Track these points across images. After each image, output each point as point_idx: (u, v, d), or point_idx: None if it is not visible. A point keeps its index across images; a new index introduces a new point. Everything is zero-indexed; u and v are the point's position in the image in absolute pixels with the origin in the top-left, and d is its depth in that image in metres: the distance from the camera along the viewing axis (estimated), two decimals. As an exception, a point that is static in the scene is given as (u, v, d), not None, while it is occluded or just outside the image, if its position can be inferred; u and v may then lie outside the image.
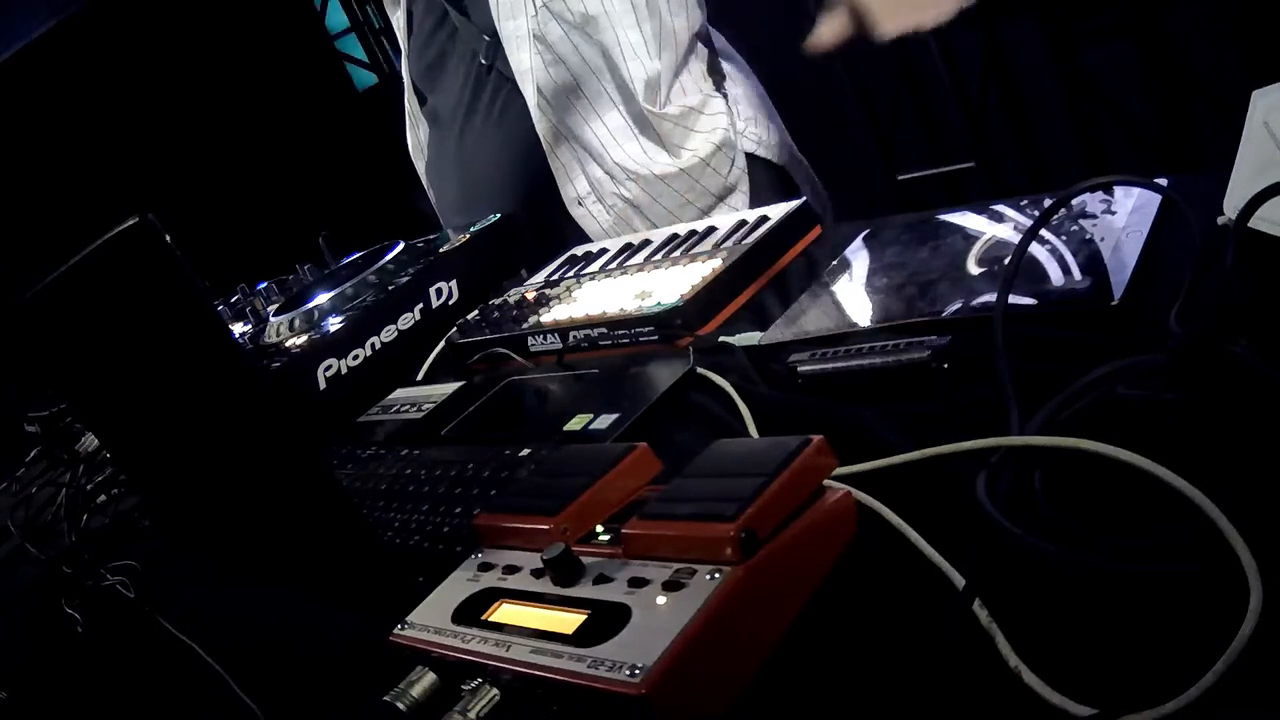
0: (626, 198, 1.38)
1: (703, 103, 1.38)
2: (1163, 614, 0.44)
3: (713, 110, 1.38)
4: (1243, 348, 0.52)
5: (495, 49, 1.37)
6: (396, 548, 0.78)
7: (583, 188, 1.40)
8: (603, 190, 1.39)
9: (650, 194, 1.37)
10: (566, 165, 1.39)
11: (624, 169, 1.36)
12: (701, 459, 0.60)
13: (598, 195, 1.39)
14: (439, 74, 1.49)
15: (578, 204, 1.41)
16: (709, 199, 1.38)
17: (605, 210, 1.40)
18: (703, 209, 1.38)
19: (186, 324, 0.69)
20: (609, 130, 1.36)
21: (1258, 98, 0.70)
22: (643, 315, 0.96)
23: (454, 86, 1.46)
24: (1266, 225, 0.61)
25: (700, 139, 1.37)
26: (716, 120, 1.38)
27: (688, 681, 0.48)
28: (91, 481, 1.24)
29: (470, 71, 1.43)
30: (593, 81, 1.35)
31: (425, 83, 1.53)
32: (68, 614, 0.94)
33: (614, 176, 1.37)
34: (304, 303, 1.29)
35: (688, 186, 1.36)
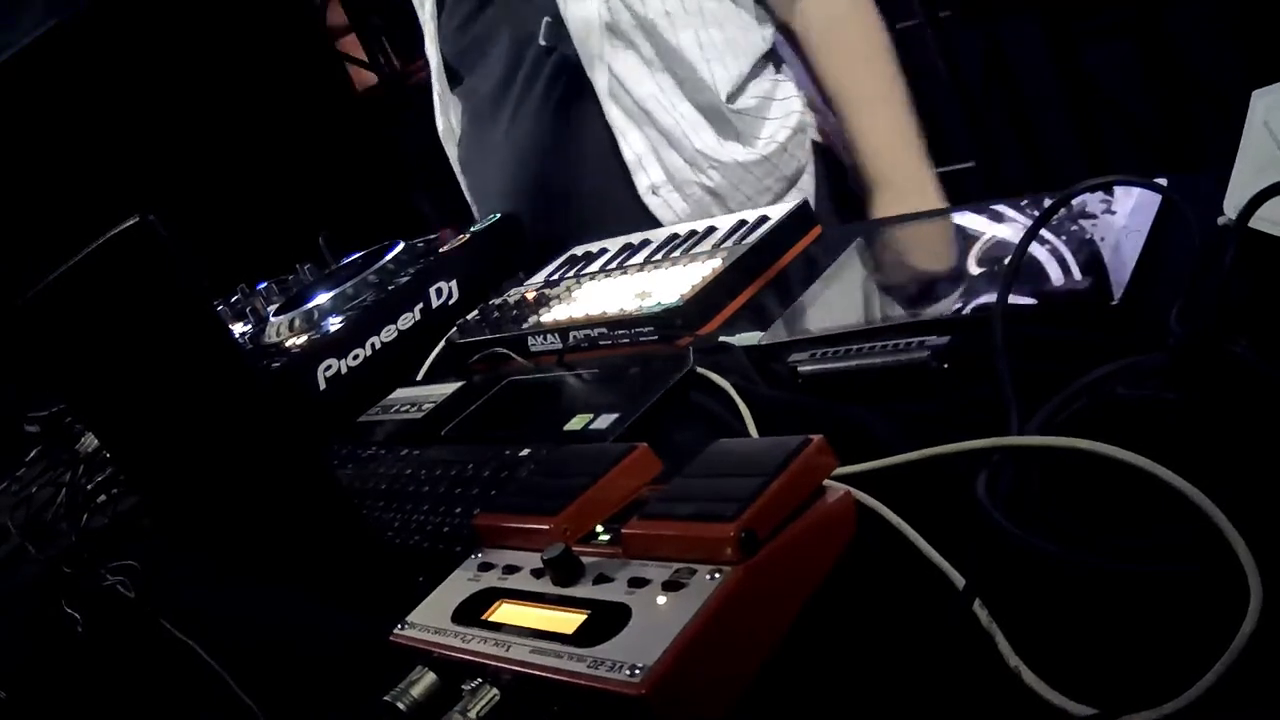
0: (708, 186, 1.35)
1: (773, 89, 1.36)
2: (1163, 614, 0.44)
3: (784, 94, 1.37)
4: (1243, 348, 0.52)
5: (557, 32, 1.33)
6: (396, 548, 0.78)
7: (658, 176, 1.35)
8: (681, 178, 1.35)
9: (731, 181, 1.34)
10: (640, 153, 1.35)
11: (706, 157, 1.33)
12: (701, 459, 0.60)
13: (675, 184, 1.35)
14: (481, 54, 1.44)
15: (653, 193, 1.36)
16: (784, 183, 1.36)
17: (683, 199, 1.36)
18: (778, 194, 1.36)
19: (186, 324, 0.69)
20: (685, 118, 1.33)
21: (1258, 98, 0.70)
22: (643, 315, 0.96)
23: (499, 68, 1.41)
24: (1266, 225, 0.61)
25: (774, 125, 1.35)
26: (789, 104, 1.37)
27: (688, 681, 0.48)
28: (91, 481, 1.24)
29: (525, 54, 1.38)
30: (663, 74, 1.32)
31: (463, 62, 1.49)
32: (68, 614, 0.94)
33: (694, 165, 1.34)
34: (304, 303, 1.29)
35: (767, 172, 1.35)
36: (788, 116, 1.36)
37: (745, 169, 1.34)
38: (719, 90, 1.31)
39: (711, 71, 1.31)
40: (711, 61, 1.31)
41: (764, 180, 1.35)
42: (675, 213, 1.36)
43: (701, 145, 1.33)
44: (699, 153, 1.33)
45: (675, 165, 1.34)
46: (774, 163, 1.34)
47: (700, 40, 1.31)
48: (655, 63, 1.32)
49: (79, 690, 0.87)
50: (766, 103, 1.35)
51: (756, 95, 1.35)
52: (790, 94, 1.38)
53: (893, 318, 0.80)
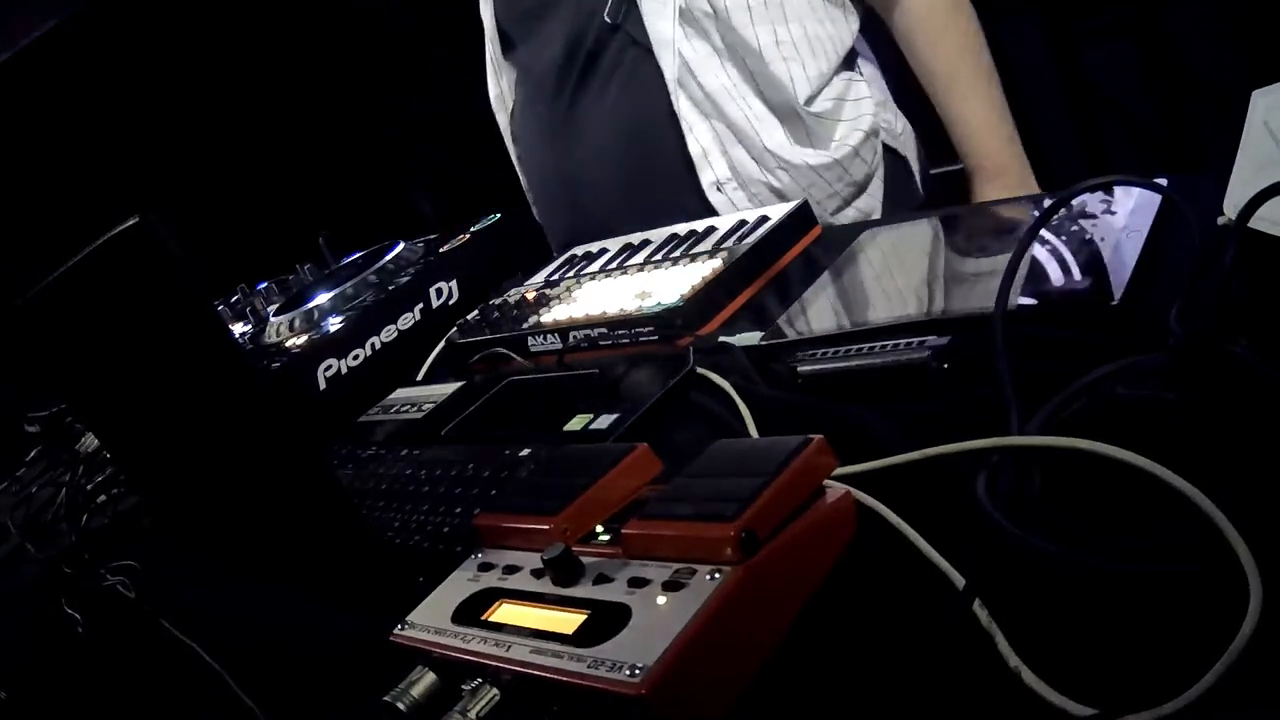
0: (775, 187, 1.29)
1: (846, 89, 1.32)
2: (1163, 614, 0.44)
3: (857, 95, 1.32)
4: (1243, 348, 0.52)
5: (627, 8, 1.28)
6: (396, 548, 0.78)
7: (724, 172, 1.30)
8: (747, 175, 1.29)
9: (801, 184, 1.29)
10: (707, 147, 1.29)
11: (776, 156, 1.28)
12: (701, 459, 0.60)
13: (740, 182, 1.30)
14: (539, 22, 1.39)
15: (717, 189, 1.30)
16: (853, 189, 1.32)
17: (748, 198, 1.30)
18: (845, 199, 1.32)
19: (186, 324, 0.69)
20: (756, 115, 1.28)
21: (1258, 98, 0.70)
22: (643, 315, 0.96)
23: (559, 38, 1.36)
24: (1266, 225, 0.61)
25: (846, 127, 1.31)
26: (861, 106, 1.32)
27: (688, 681, 0.48)
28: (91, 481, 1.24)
29: (588, 27, 1.32)
30: (735, 67, 1.27)
31: (518, 29, 1.44)
32: (68, 614, 0.94)
33: (761, 162, 1.28)
34: (304, 303, 1.29)
35: (838, 176, 1.30)
36: (859, 119, 1.31)
37: (816, 172, 1.28)
38: (797, 91, 1.27)
39: (789, 70, 1.26)
40: (789, 60, 1.27)
41: (834, 185, 1.30)
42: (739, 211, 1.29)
43: (771, 144, 1.27)
44: (768, 151, 1.27)
45: (742, 161, 1.29)
46: (844, 167, 1.30)
47: (778, 37, 1.26)
48: (729, 55, 1.26)
49: (79, 690, 0.87)
50: (840, 104, 1.31)
51: (831, 97, 1.30)
52: (863, 95, 1.33)
53: (893, 318, 0.80)
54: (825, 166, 1.28)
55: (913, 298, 0.83)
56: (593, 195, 1.39)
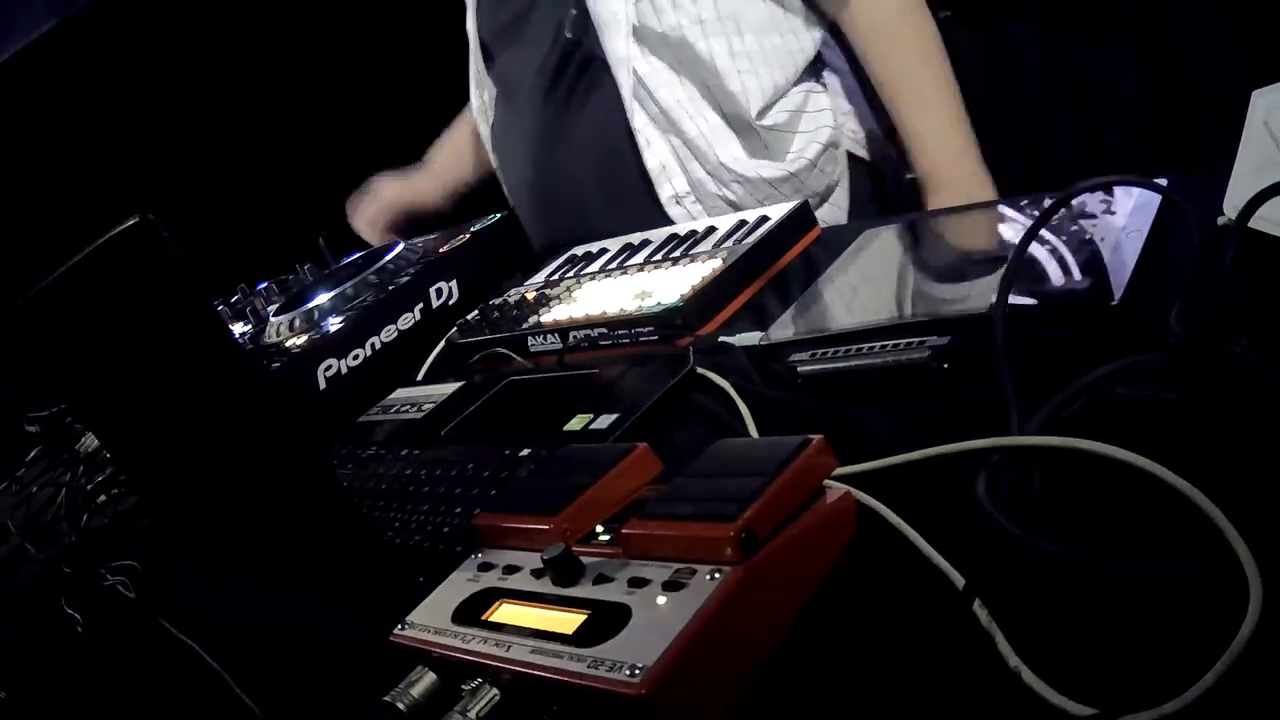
0: (731, 200, 1.30)
1: (804, 101, 1.32)
2: (1163, 614, 0.44)
3: (816, 107, 1.32)
4: (1243, 348, 0.52)
5: (584, 25, 1.30)
6: (396, 548, 0.78)
7: (681, 186, 1.31)
8: (704, 190, 1.31)
9: (757, 197, 1.30)
10: (665, 162, 1.30)
11: (730, 170, 1.29)
12: (701, 459, 0.60)
13: (698, 195, 1.31)
14: (515, 37, 1.41)
15: (675, 203, 1.32)
16: (814, 199, 1.31)
17: (706, 210, 1.32)
18: None
19: (187, 324, 0.69)
20: (711, 129, 1.28)
21: (1258, 98, 0.70)
22: (643, 315, 0.96)
23: (533, 54, 1.38)
24: (1266, 225, 0.61)
25: (804, 140, 1.31)
26: (820, 118, 1.32)
27: (688, 681, 0.48)
28: (91, 481, 1.24)
29: (554, 42, 1.34)
30: (690, 82, 1.28)
31: (497, 43, 1.46)
32: (68, 614, 0.94)
33: (718, 178, 1.29)
34: (304, 303, 1.29)
35: (794, 189, 1.30)
36: (818, 131, 1.31)
37: (771, 185, 1.29)
38: (749, 103, 1.27)
39: (743, 83, 1.27)
40: (743, 73, 1.27)
41: (791, 197, 1.30)
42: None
43: (726, 158, 1.28)
44: (723, 165, 1.28)
45: (699, 177, 1.30)
46: (802, 179, 1.30)
47: (733, 49, 1.26)
48: (683, 70, 1.27)
49: (79, 690, 0.87)
50: (797, 116, 1.31)
51: (787, 109, 1.30)
52: (823, 106, 1.33)
53: (893, 318, 0.80)
54: (781, 179, 1.29)
55: (913, 297, 0.83)
56: (562, 205, 1.42)
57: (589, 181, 1.36)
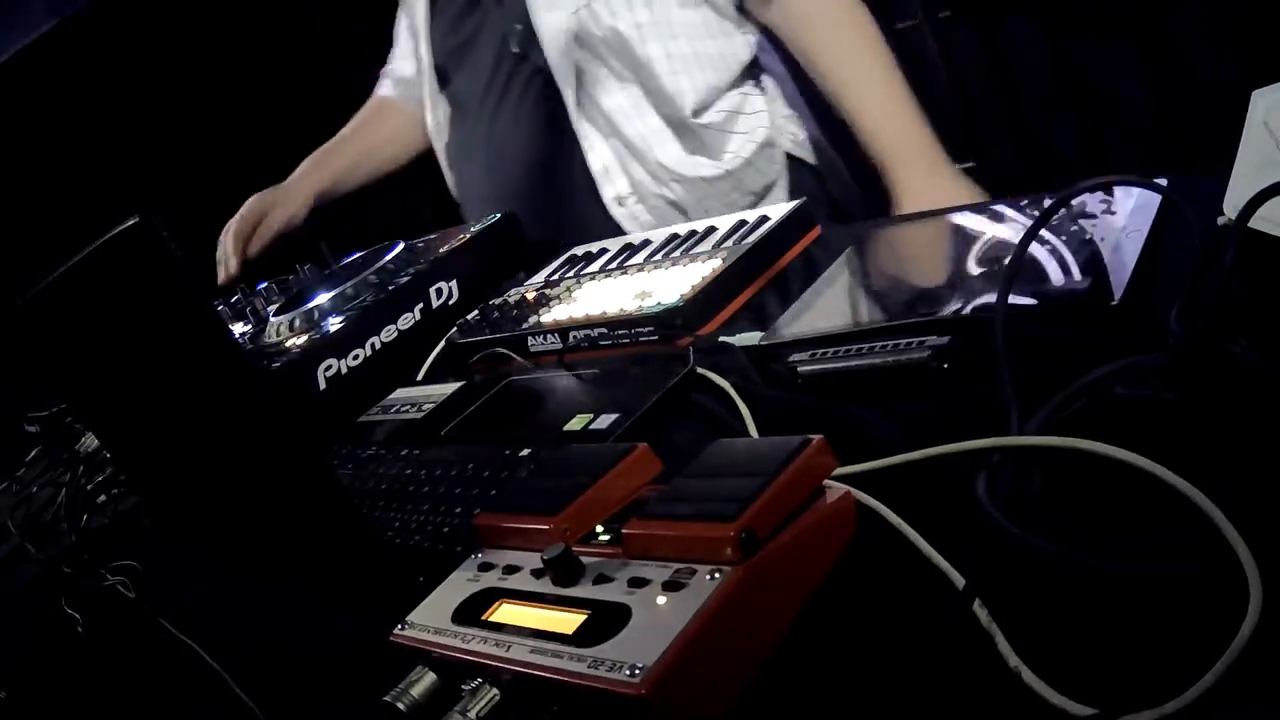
0: (671, 199, 1.36)
1: (741, 102, 1.36)
2: (1163, 614, 0.44)
3: (752, 109, 1.37)
4: (1243, 348, 0.52)
5: (529, 39, 1.35)
6: (396, 548, 0.78)
7: (624, 187, 1.37)
8: (645, 191, 1.37)
9: (694, 195, 1.35)
10: (607, 164, 1.37)
11: (667, 170, 1.34)
12: (701, 459, 0.60)
13: (640, 195, 1.37)
14: (467, 55, 1.47)
15: (618, 204, 1.38)
16: (750, 198, 1.37)
17: (647, 210, 1.37)
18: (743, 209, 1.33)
19: (186, 324, 0.69)
20: (651, 131, 1.34)
21: (1258, 98, 0.70)
22: (643, 315, 0.96)
23: (483, 70, 1.44)
24: (1266, 225, 0.61)
25: (741, 140, 1.35)
26: (757, 119, 1.37)
27: (688, 681, 0.48)
28: (91, 481, 1.24)
29: (501, 57, 1.40)
30: (632, 86, 1.33)
31: (450, 63, 1.51)
32: (68, 614, 0.94)
33: (657, 178, 1.35)
34: (304, 303, 1.29)
35: (732, 187, 1.35)
36: (754, 131, 1.36)
37: (708, 183, 1.34)
38: (684, 103, 1.32)
39: (678, 84, 1.32)
40: (678, 74, 1.32)
41: (728, 195, 1.35)
42: (640, 224, 1.38)
43: (665, 158, 1.34)
44: (661, 165, 1.34)
45: (640, 177, 1.36)
46: (738, 178, 1.35)
47: (668, 52, 1.31)
48: (623, 74, 1.33)
49: (79, 690, 0.87)
50: (734, 117, 1.36)
51: (724, 109, 1.35)
52: (759, 108, 1.37)
53: (893, 318, 0.80)
54: (718, 178, 1.35)
55: (913, 298, 0.83)
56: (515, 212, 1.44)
57: (539, 189, 1.42)
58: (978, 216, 0.91)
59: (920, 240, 0.96)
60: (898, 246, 0.96)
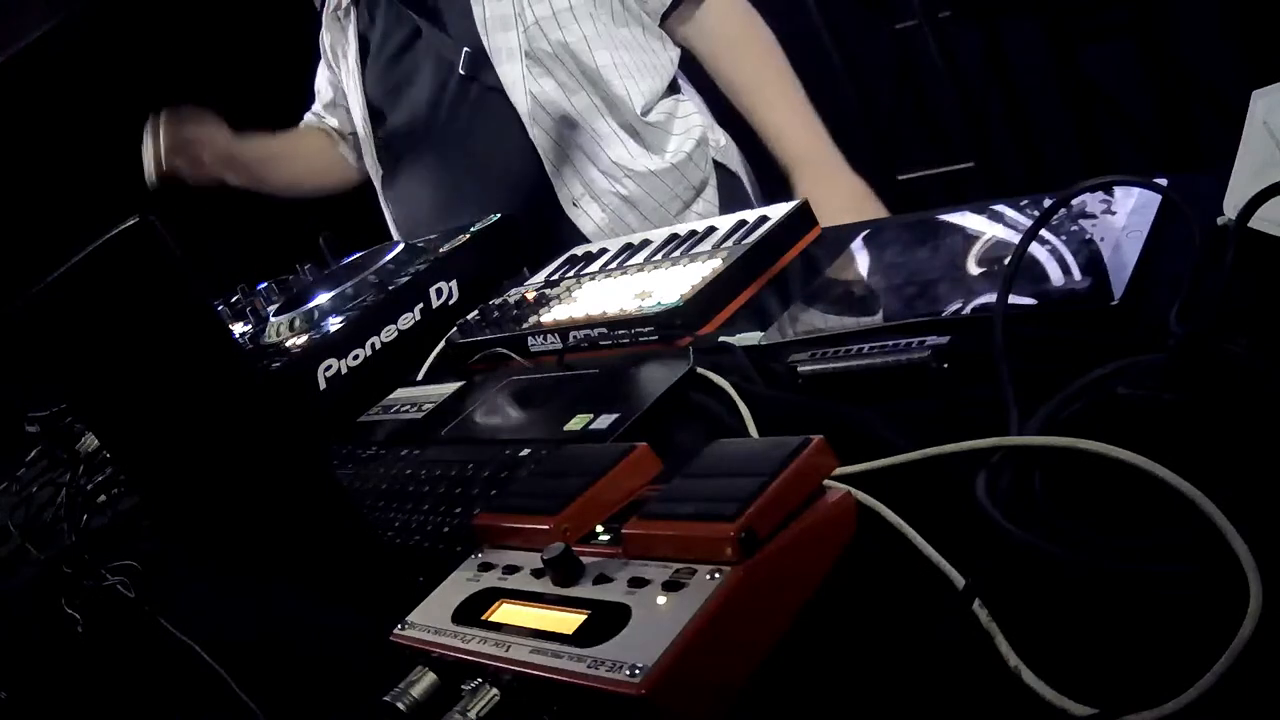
0: (623, 194, 1.46)
1: (675, 107, 1.50)
2: (1163, 614, 0.44)
3: (685, 113, 1.51)
4: (1242, 348, 0.52)
5: (476, 62, 1.44)
6: (396, 548, 0.78)
7: (577, 189, 1.47)
8: (598, 189, 1.46)
9: (644, 189, 1.46)
10: (562, 169, 1.46)
11: (620, 166, 1.45)
12: (701, 459, 0.60)
13: (592, 194, 1.46)
14: (404, 91, 1.55)
15: (573, 205, 1.47)
16: (691, 192, 1.50)
17: (601, 209, 1.47)
18: (686, 201, 1.50)
19: (186, 324, 0.69)
20: (601, 135, 1.45)
21: (1258, 98, 0.70)
22: (643, 315, 0.96)
23: (423, 101, 1.52)
24: (1266, 225, 0.61)
25: (679, 139, 1.49)
26: (690, 120, 1.51)
27: (688, 681, 0.48)
28: (91, 481, 1.24)
29: (448, 85, 1.48)
30: (581, 94, 1.43)
31: (387, 102, 1.58)
32: (68, 614, 0.94)
33: (609, 175, 1.45)
34: (304, 303, 1.29)
35: (676, 180, 1.48)
36: (690, 130, 1.50)
37: (657, 177, 1.46)
38: (633, 103, 1.44)
39: (626, 88, 1.44)
40: (626, 79, 1.44)
41: (674, 188, 1.48)
42: (595, 223, 1.47)
43: (616, 157, 1.45)
44: (615, 164, 1.45)
45: (591, 177, 1.46)
46: (681, 171, 1.47)
47: (615, 60, 1.43)
48: (572, 85, 1.43)
49: (79, 690, 0.87)
50: (671, 119, 1.49)
51: (663, 112, 1.48)
52: (690, 112, 1.52)
53: (893, 318, 0.80)
54: (665, 171, 1.47)
55: (913, 298, 0.83)
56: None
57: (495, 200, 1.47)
58: (978, 216, 0.91)
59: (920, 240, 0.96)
60: (898, 246, 0.96)
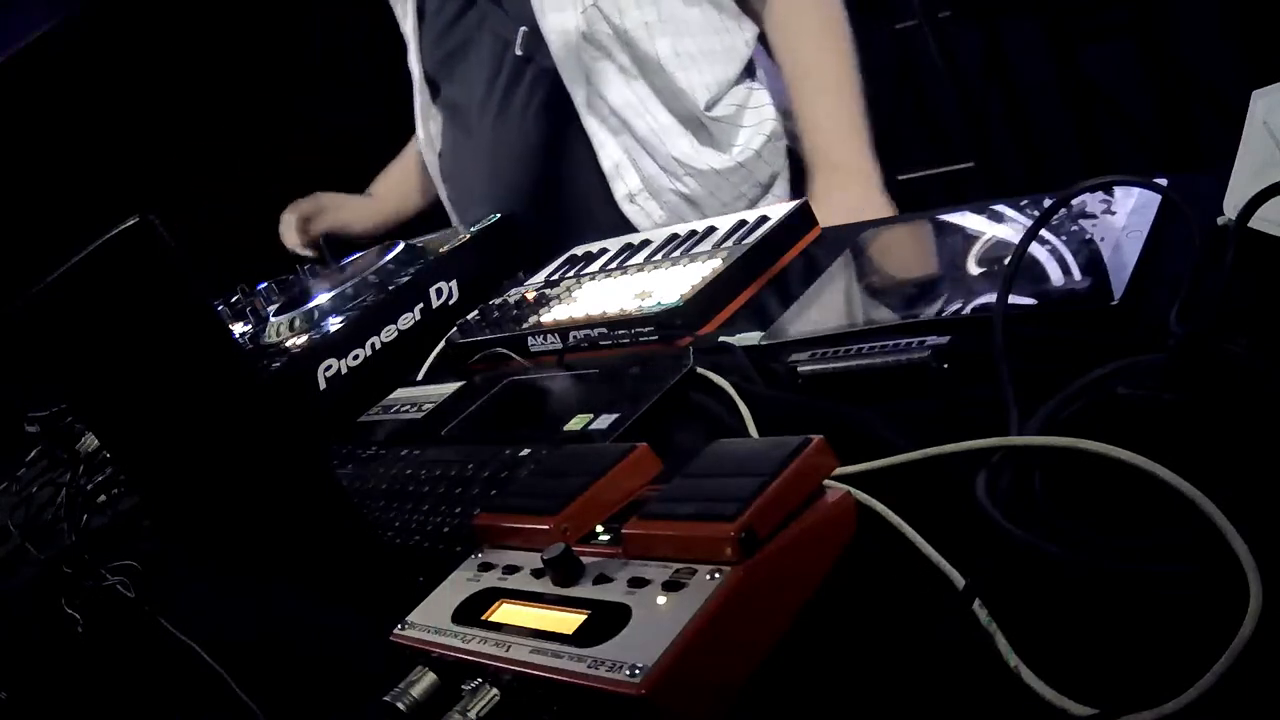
0: (683, 193, 1.37)
1: (747, 96, 1.38)
2: (1163, 614, 0.44)
3: (758, 103, 1.39)
4: (1242, 347, 0.52)
5: (534, 41, 1.35)
6: (396, 548, 0.78)
7: (634, 184, 1.37)
8: (657, 185, 1.37)
9: (707, 188, 1.37)
10: (618, 162, 1.37)
11: (681, 164, 1.35)
12: (701, 459, 0.60)
13: (651, 191, 1.38)
14: (459, 64, 1.47)
15: (629, 200, 1.38)
16: (759, 189, 1.39)
17: (659, 206, 1.38)
18: (752, 200, 1.39)
19: (186, 324, 0.69)
20: (662, 126, 1.35)
21: (1258, 98, 0.70)
22: (643, 315, 0.96)
23: (479, 78, 1.44)
24: (1266, 225, 0.61)
25: (748, 133, 1.37)
26: (763, 112, 1.39)
27: (688, 681, 0.48)
28: (91, 481, 1.24)
29: (502, 63, 1.40)
30: (640, 82, 1.34)
31: (442, 73, 1.51)
32: (68, 614, 0.94)
33: (669, 171, 1.36)
34: (304, 303, 1.29)
35: (743, 178, 1.37)
36: (762, 124, 1.38)
37: (721, 176, 1.36)
38: (696, 97, 1.33)
39: (689, 79, 1.33)
40: (688, 69, 1.33)
41: (739, 186, 1.37)
42: (652, 220, 1.38)
43: (677, 152, 1.35)
44: (674, 159, 1.35)
45: (651, 173, 1.36)
46: (749, 169, 1.37)
47: (676, 49, 1.33)
48: (632, 71, 1.34)
49: (79, 690, 0.87)
50: (741, 110, 1.38)
51: (732, 103, 1.37)
52: (764, 102, 1.40)
53: (893, 318, 0.80)
54: (729, 170, 1.36)
55: (913, 298, 0.83)
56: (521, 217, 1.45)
57: (545, 191, 1.42)
58: (978, 216, 0.91)
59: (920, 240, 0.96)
60: (898, 246, 0.96)
